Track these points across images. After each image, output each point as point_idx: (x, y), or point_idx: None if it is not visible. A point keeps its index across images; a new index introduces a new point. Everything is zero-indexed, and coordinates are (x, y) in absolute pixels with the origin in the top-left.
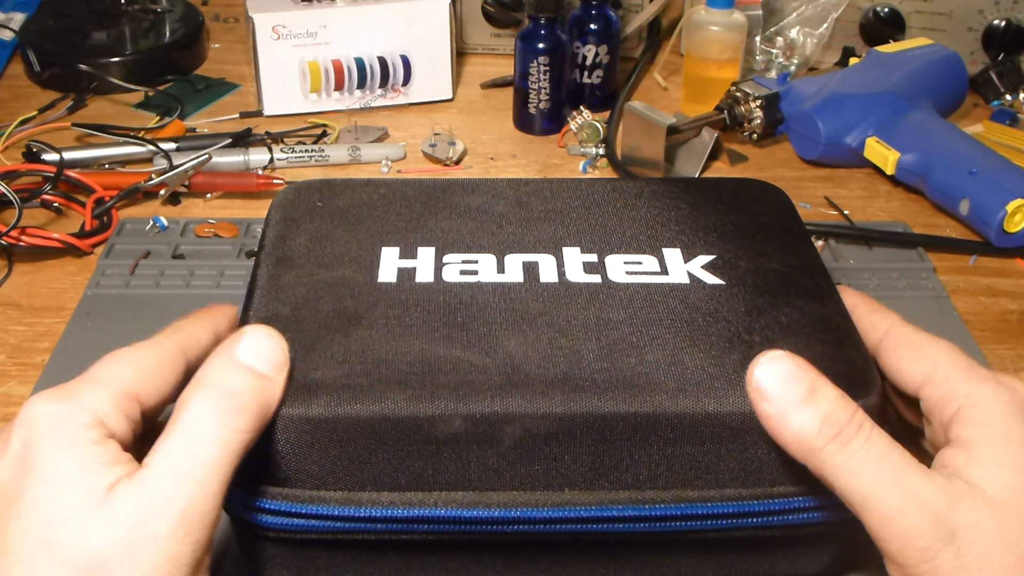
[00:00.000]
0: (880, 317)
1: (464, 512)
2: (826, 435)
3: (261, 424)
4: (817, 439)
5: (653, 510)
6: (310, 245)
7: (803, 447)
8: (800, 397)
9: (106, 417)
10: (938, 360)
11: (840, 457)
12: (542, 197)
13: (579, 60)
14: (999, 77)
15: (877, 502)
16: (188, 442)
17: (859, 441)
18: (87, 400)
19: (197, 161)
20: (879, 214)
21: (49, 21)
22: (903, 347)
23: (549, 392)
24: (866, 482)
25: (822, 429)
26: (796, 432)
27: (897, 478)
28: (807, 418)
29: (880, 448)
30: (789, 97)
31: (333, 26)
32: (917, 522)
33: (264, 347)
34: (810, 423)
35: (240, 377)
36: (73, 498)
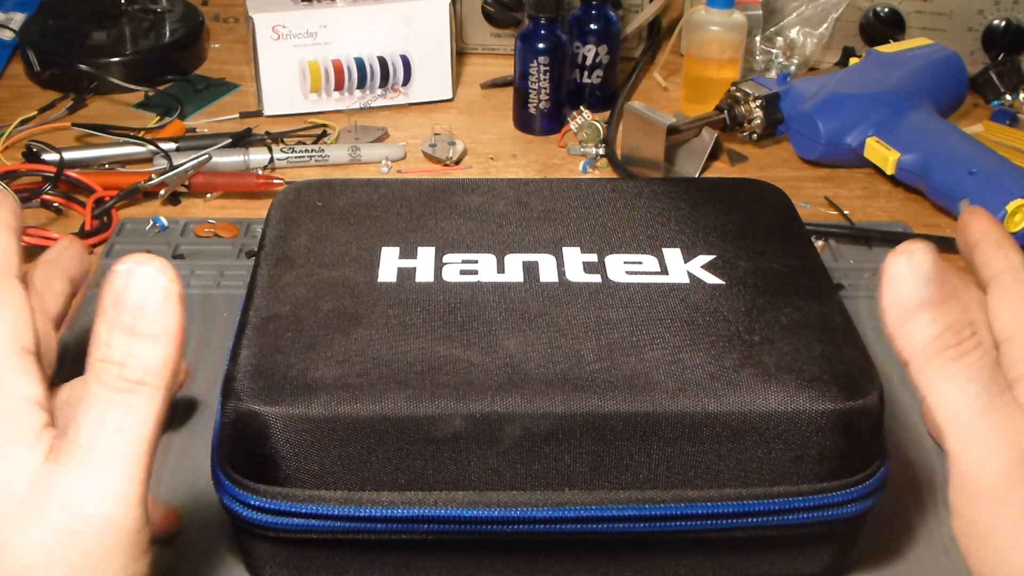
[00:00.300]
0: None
1: (464, 512)
2: (945, 342)
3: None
4: (936, 342)
5: (653, 510)
6: (310, 245)
7: (917, 347)
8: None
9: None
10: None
11: (951, 368)
12: (542, 197)
13: (579, 60)
14: (999, 77)
15: (968, 422)
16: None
17: (974, 357)
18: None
19: (197, 161)
20: (879, 214)
21: (49, 21)
22: (1003, 299)
23: (549, 392)
24: (966, 399)
25: (943, 335)
26: (917, 330)
27: (995, 403)
28: (933, 319)
29: (988, 372)
30: (789, 97)
31: (333, 26)
32: (1003, 450)
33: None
34: (933, 325)
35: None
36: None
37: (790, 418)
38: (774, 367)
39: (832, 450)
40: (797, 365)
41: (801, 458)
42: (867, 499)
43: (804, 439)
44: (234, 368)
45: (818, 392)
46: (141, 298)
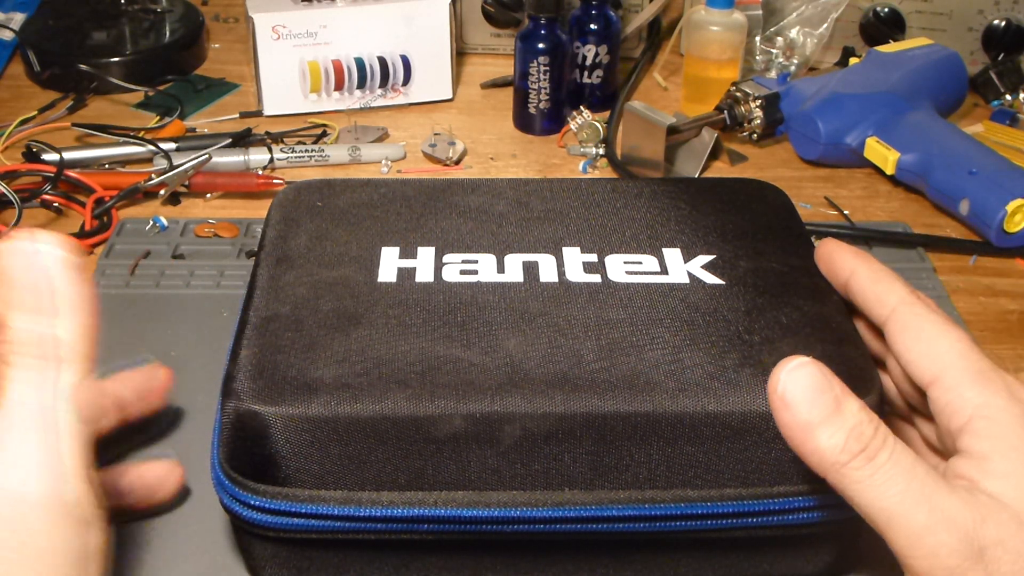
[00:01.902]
0: (886, 290)
1: (464, 512)
2: (851, 451)
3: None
4: (842, 454)
5: (653, 510)
6: (310, 245)
7: (826, 462)
8: (826, 410)
9: None
10: (947, 360)
11: (865, 473)
12: (542, 197)
13: (579, 60)
14: (999, 77)
15: (904, 519)
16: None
17: (884, 456)
18: None
19: (197, 161)
20: (879, 214)
21: (49, 21)
22: (911, 335)
23: (549, 392)
24: (892, 498)
25: (847, 444)
26: (821, 446)
27: (924, 494)
28: (832, 432)
29: (906, 463)
30: (789, 97)
31: (333, 26)
32: (946, 539)
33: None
34: (835, 437)
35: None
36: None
37: None
38: (774, 367)
39: None
40: None
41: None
42: None
43: None
44: (234, 368)
45: None
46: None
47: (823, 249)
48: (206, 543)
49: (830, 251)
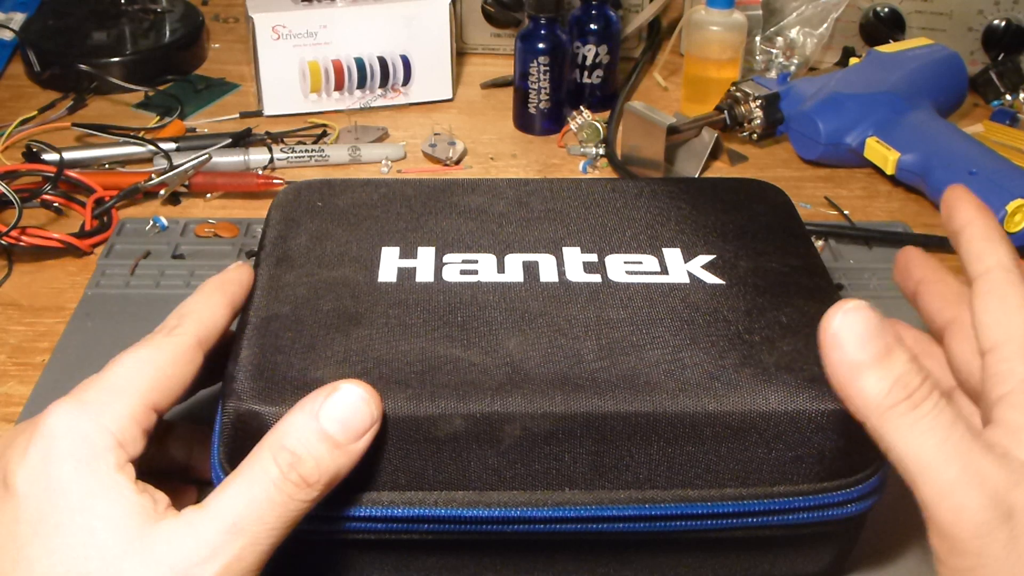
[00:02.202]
0: (990, 248)
1: (464, 512)
2: (896, 397)
3: (326, 491)
4: (887, 398)
5: (653, 510)
6: (310, 245)
7: (869, 405)
8: (876, 353)
9: (124, 437)
10: (1012, 333)
11: (906, 420)
12: (542, 197)
13: (579, 60)
14: (999, 77)
15: (936, 472)
16: (249, 498)
17: (927, 407)
18: (108, 417)
19: (197, 161)
20: (879, 214)
21: (49, 21)
22: (993, 298)
23: (549, 392)
24: (928, 450)
25: (893, 390)
26: (867, 388)
27: (960, 450)
28: (880, 375)
29: (947, 417)
30: (789, 97)
31: (333, 26)
32: (975, 496)
33: (352, 412)
34: (881, 382)
35: (316, 445)
36: (106, 534)
37: (790, 418)
38: (774, 367)
39: (832, 450)
40: (797, 365)
41: (801, 458)
42: (867, 499)
43: (804, 439)
44: (234, 368)
45: (818, 392)
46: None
47: (953, 194)
48: None
49: (957, 195)
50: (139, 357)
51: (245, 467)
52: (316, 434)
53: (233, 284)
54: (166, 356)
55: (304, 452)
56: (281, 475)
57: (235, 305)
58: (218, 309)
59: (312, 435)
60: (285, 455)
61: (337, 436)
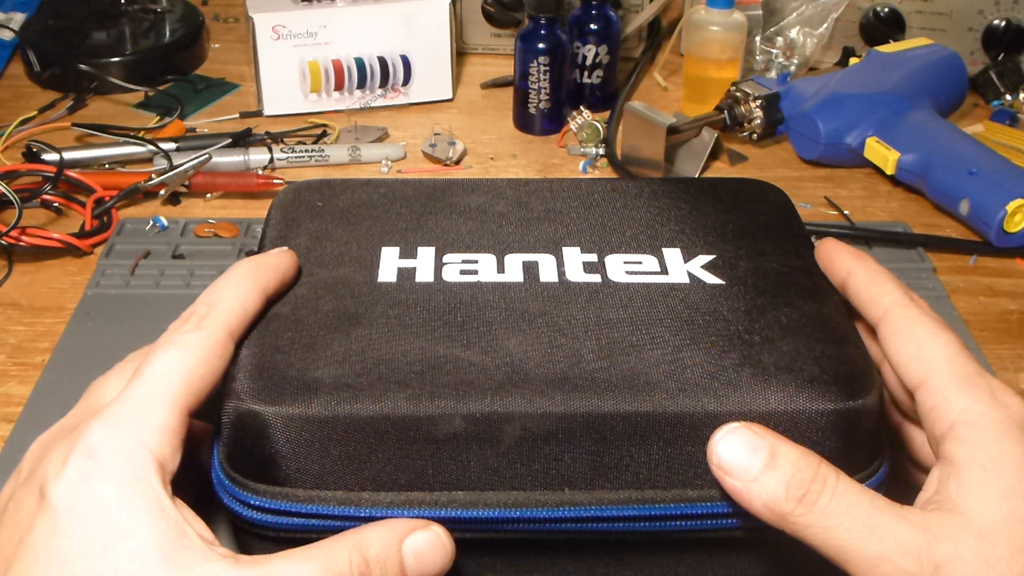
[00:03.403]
0: (880, 291)
1: (464, 512)
2: (793, 499)
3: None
4: (785, 504)
5: (653, 510)
6: (310, 245)
7: (774, 514)
8: (761, 466)
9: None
10: (935, 364)
11: (811, 518)
12: (542, 197)
13: (579, 60)
14: (999, 77)
15: (855, 553)
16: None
17: (826, 498)
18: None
19: (197, 161)
20: (879, 214)
21: (49, 21)
22: (902, 338)
23: (549, 392)
24: (841, 536)
25: (788, 494)
26: (764, 502)
27: (870, 525)
28: (771, 486)
29: (849, 499)
30: (789, 97)
31: (333, 26)
32: (899, 563)
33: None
34: (774, 490)
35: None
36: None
37: (790, 418)
38: (774, 367)
39: (832, 450)
40: (797, 365)
41: None
42: None
43: (804, 439)
44: (234, 368)
45: (818, 392)
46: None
47: (823, 248)
48: None
49: (829, 250)
50: (170, 362)
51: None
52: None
53: (270, 270)
54: (197, 355)
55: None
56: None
57: (268, 293)
58: (250, 297)
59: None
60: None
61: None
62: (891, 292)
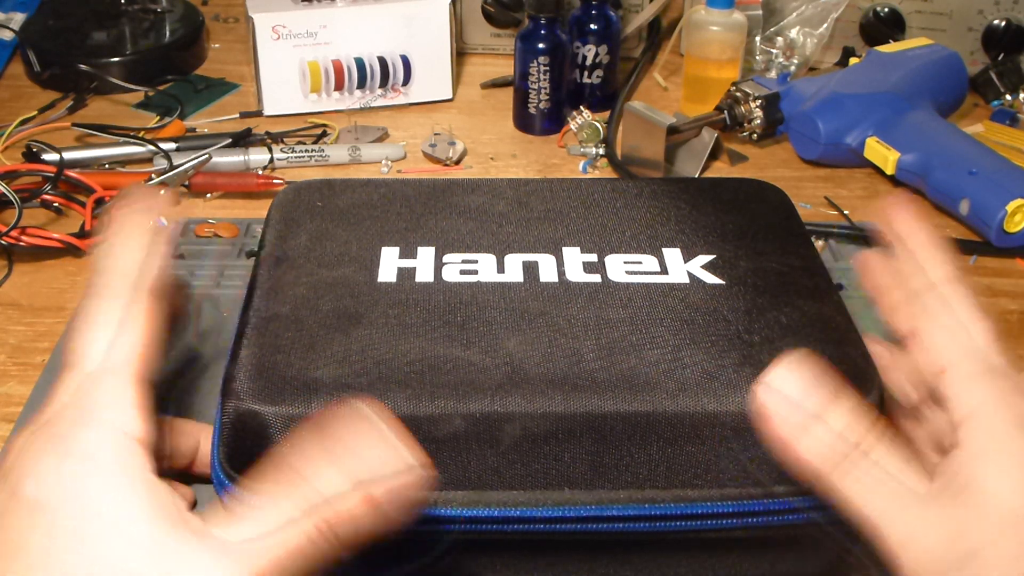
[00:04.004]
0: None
1: (464, 511)
2: (841, 451)
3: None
4: (832, 454)
5: (653, 509)
6: (310, 245)
7: (816, 464)
8: (813, 410)
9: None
10: (963, 352)
11: (850, 481)
12: (542, 197)
13: (579, 60)
14: (999, 77)
15: (890, 526)
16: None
17: (870, 463)
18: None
19: (197, 161)
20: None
21: (49, 21)
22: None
23: (549, 391)
24: (882, 502)
25: (836, 443)
26: (809, 448)
27: (910, 501)
28: (820, 433)
29: (893, 469)
30: (789, 97)
31: (333, 26)
32: (933, 544)
33: None
34: (823, 438)
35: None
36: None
37: None
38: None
39: None
40: None
41: None
42: None
43: None
44: (234, 368)
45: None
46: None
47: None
48: None
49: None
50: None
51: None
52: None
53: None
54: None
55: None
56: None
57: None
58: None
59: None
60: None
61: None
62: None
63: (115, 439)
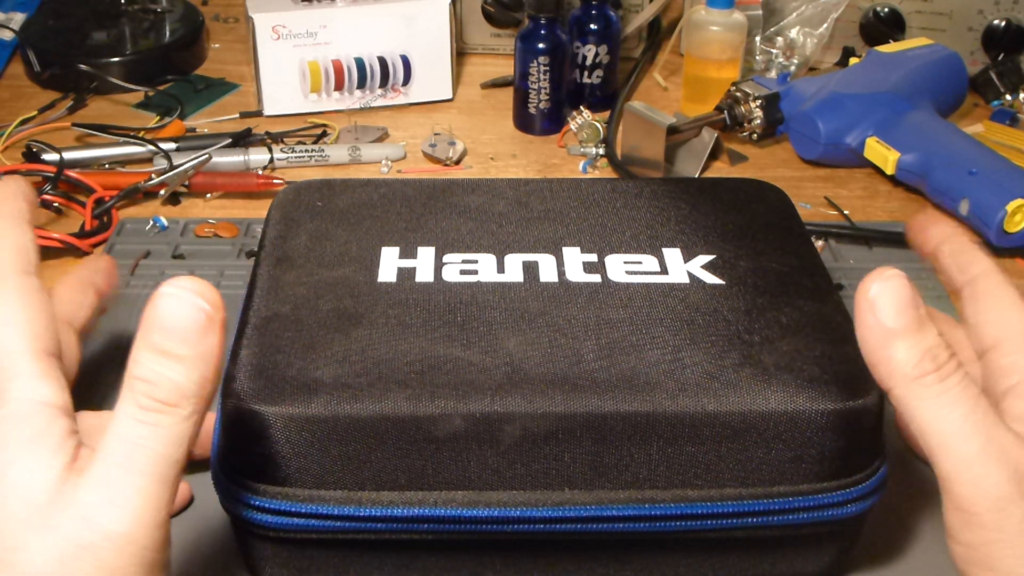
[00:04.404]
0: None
1: (464, 512)
2: (924, 368)
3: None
4: (915, 369)
5: (653, 509)
6: (310, 245)
7: (897, 373)
8: (910, 323)
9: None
10: (1014, 329)
11: (932, 392)
12: (542, 197)
13: (579, 60)
14: (999, 77)
15: (958, 445)
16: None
17: (953, 381)
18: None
19: (197, 161)
20: (879, 214)
21: (49, 21)
22: (985, 301)
23: (549, 392)
24: (952, 423)
25: (922, 361)
26: (897, 356)
27: (983, 426)
28: (911, 345)
29: (972, 393)
30: (789, 97)
31: (333, 26)
32: (995, 470)
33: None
34: (912, 351)
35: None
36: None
37: (790, 418)
38: (774, 367)
39: (832, 450)
40: (797, 365)
41: (801, 458)
42: (867, 499)
43: (804, 439)
44: (234, 368)
45: (818, 392)
46: (175, 319)
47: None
48: (206, 543)
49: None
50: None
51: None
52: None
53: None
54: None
55: (152, 376)
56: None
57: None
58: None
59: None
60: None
61: (176, 349)
62: (983, 262)
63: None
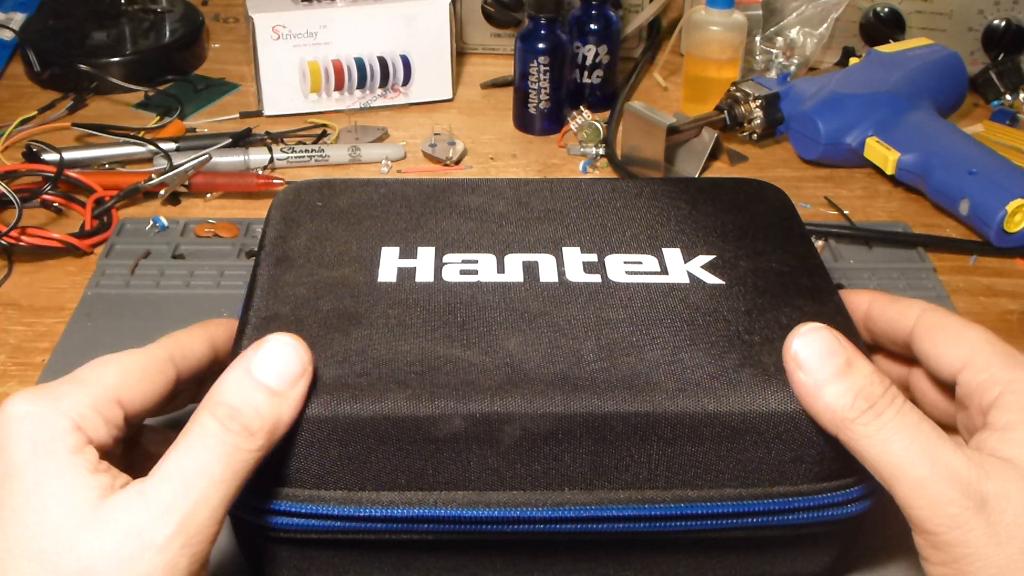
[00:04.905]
0: (905, 305)
1: (464, 512)
2: (859, 408)
3: (271, 440)
4: (850, 411)
5: (653, 510)
6: (310, 245)
7: (835, 419)
8: (836, 370)
9: (84, 421)
10: (977, 345)
11: (872, 428)
12: (542, 197)
13: (579, 60)
14: (999, 77)
15: (907, 471)
16: (193, 455)
17: (891, 413)
18: (67, 403)
19: (197, 161)
20: (879, 214)
21: (49, 21)
22: (939, 332)
23: (549, 392)
24: (896, 452)
25: (855, 402)
26: (829, 404)
27: (927, 448)
28: (841, 391)
29: (911, 420)
30: (789, 97)
31: (333, 26)
32: (946, 489)
33: (282, 360)
34: (844, 396)
35: (252, 394)
36: (60, 510)
37: (790, 418)
38: (774, 367)
39: (832, 450)
40: None
41: (801, 458)
42: (867, 499)
43: (804, 439)
44: None
45: None
46: (279, 358)
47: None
48: None
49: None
50: (107, 359)
51: (187, 428)
52: (251, 385)
53: (218, 327)
54: (134, 361)
55: (241, 403)
56: (221, 427)
57: (214, 341)
58: (196, 338)
59: (247, 386)
60: (223, 409)
61: (272, 384)
62: (916, 303)
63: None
